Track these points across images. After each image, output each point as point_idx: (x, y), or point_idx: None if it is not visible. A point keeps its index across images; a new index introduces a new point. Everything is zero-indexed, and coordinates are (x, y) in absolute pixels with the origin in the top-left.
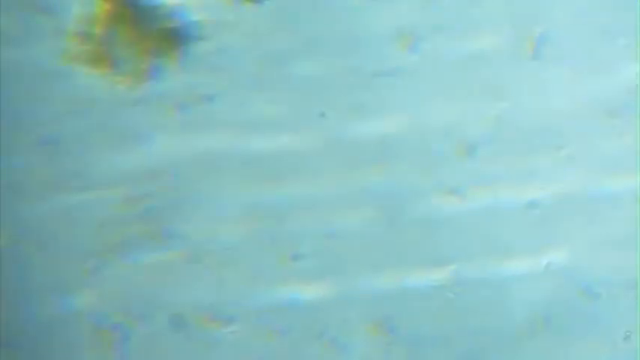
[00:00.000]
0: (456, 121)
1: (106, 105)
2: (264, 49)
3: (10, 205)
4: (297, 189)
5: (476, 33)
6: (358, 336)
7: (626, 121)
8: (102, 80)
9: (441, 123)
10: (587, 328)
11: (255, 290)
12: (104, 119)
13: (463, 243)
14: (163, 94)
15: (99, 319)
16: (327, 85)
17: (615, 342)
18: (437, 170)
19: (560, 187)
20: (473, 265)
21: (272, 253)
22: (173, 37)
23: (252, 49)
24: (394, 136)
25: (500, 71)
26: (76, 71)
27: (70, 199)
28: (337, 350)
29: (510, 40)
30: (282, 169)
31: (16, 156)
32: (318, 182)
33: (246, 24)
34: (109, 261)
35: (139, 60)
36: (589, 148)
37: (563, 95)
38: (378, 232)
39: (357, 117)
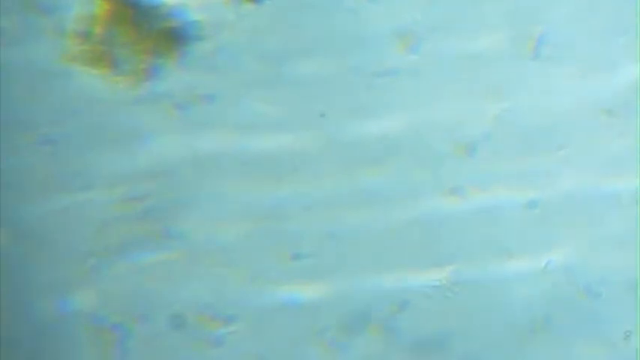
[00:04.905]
0: (456, 121)
1: (106, 105)
2: (264, 49)
3: (10, 205)
4: (297, 189)
5: (476, 33)
6: (358, 336)
7: (626, 121)
8: (102, 80)
9: (441, 123)
10: (587, 328)
11: (255, 290)
12: (104, 119)
13: (463, 243)
14: (163, 94)
15: (99, 319)
16: (327, 85)
17: (615, 342)
18: (437, 170)
19: (560, 187)
20: (473, 265)
21: (272, 253)
22: (173, 37)
23: (252, 49)
24: (394, 136)
25: (500, 71)
26: (76, 71)
27: (70, 199)
28: (337, 350)
29: (510, 40)
30: (282, 169)
31: (16, 156)
32: (318, 182)
33: (246, 24)
34: (109, 261)
35: (139, 60)
36: (589, 148)
37: (563, 95)
38: (378, 232)
39: (357, 117)
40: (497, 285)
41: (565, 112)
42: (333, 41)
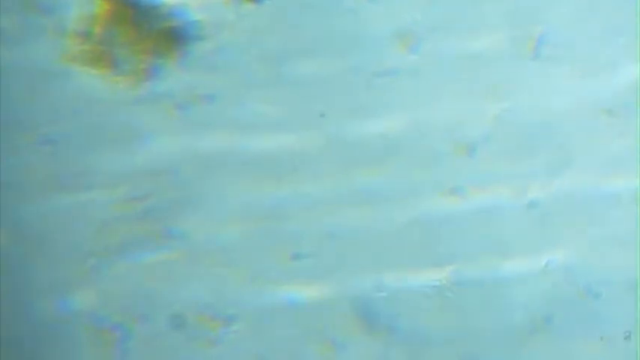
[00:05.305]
0: (456, 121)
1: (106, 105)
2: (264, 49)
3: (10, 204)
4: (297, 189)
5: (476, 33)
6: (358, 336)
7: (626, 121)
8: (102, 80)
9: (441, 123)
10: (587, 328)
11: (255, 290)
12: (104, 119)
13: (463, 243)
14: (163, 94)
15: (99, 319)
16: (327, 85)
17: (615, 342)
18: (437, 170)
19: (560, 187)
20: (472, 265)
21: (272, 253)
22: (173, 37)
23: (252, 49)
24: (394, 136)
25: (500, 71)
26: (76, 71)
27: (70, 199)
28: (337, 350)
29: (510, 40)
30: (282, 169)
31: (16, 156)
32: (318, 182)
33: (246, 24)
34: (109, 261)
35: (138, 60)
36: (589, 148)
37: (563, 95)
38: (378, 232)
39: (357, 117)
40: (497, 285)
41: (565, 112)
42: (333, 41)
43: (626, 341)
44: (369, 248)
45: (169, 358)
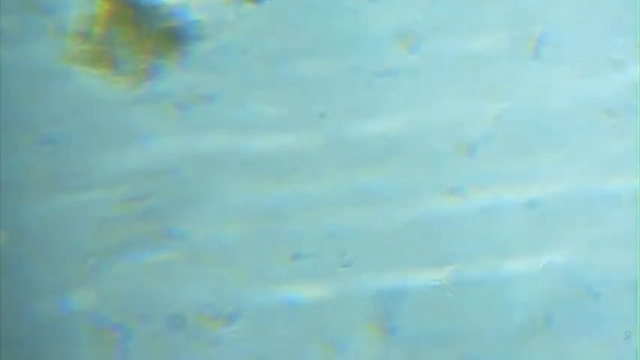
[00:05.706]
0: (456, 121)
1: (106, 105)
2: (264, 49)
3: (10, 204)
4: (297, 189)
5: (476, 33)
6: (358, 336)
7: (626, 121)
8: (102, 80)
9: (441, 123)
10: (587, 328)
11: (255, 290)
12: (104, 119)
13: (463, 243)
14: (163, 94)
15: (99, 319)
16: (327, 85)
17: (615, 342)
18: (437, 170)
19: (560, 187)
20: (472, 265)
21: (272, 253)
22: (173, 37)
23: (252, 49)
24: (394, 136)
25: (500, 71)
26: (76, 71)
27: (70, 199)
28: (337, 350)
29: (510, 40)
30: (282, 169)
31: (16, 156)
32: (318, 182)
33: (246, 24)
34: (109, 261)
35: (138, 60)
36: (589, 148)
37: (563, 95)
38: (377, 232)
39: (357, 117)
40: (497, 285)
41: (565, 112)
42: (333, 41)
43: (626, 341)
44: (369, 248)
45: (169, 358)
